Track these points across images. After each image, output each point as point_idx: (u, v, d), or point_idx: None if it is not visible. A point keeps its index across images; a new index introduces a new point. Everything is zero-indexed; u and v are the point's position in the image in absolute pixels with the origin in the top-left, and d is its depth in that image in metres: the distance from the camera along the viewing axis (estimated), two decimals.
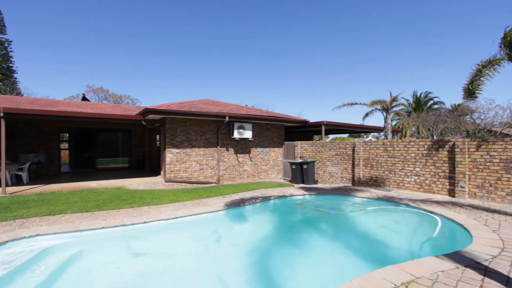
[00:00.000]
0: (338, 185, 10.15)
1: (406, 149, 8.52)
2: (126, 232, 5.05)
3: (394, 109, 13.12)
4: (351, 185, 9.96)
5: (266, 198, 7.45)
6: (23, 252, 4.11)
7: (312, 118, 13.08)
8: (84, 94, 24.36)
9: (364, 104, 12.56)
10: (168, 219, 5.49)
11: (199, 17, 56.99)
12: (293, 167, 10.71)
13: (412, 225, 5.99)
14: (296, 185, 9.94)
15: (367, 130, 18.14)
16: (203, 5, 53.75)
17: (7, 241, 4.22)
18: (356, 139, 18.83)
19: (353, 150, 9.95)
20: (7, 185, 8.19)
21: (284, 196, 7.87)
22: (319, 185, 10.17)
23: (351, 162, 10.07)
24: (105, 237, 4.88)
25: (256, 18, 57.59)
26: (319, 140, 21.15)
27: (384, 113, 12.31)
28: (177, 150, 10.01)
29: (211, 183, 10.54)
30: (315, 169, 11.04)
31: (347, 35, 58.33)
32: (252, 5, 53.42)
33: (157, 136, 12.95)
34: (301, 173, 10.53)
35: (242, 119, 10.90)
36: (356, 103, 12.60)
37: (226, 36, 62.26)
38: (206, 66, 65.23)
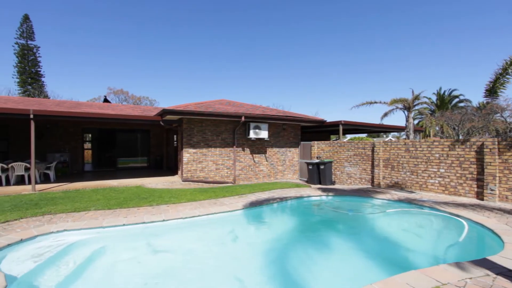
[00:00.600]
0: (357, 186, 9.92)
1: (429, 149, 8.17)
2: (146, 229, 5.21)
3: (416, 107, 12.61)
4: (370, 186, 9.70)
5: (282, 199, 7.42)
6: (51, 246, 4.35)
7: (329, 118, 12.87)
8: (105, 96, 25.41)
9: (383, 103, 12.17)
10: (185, 217, 5.61)
11: (215, 19, 57.78)
12: (310, 167, 10.59)
13: (436, 229, 5.74)
14: (313, 186, 9.82)
15: (386, 129, 17.58)
16: (218, 7, 54.45)
17: (37, 236, 4.49)
18: (375, 139, 18.31)
19: (373, 151, 9.69)
20: (36, 182, 8.71)
21: (301, 197, 7.81)
22: (336, 186, 9.99)
23: (370, 162, 9.80)
24: (126, 234, 5.07)
25: (272, 17, 57.54)
26: (336, 140, 20.77)
27: (406, 112, 11.86)
28: (194, 150, 10.20)
29: (227, 183, 10.65)
30: (333, 170, 10.85)
31: (366, 33, 56.89)
32: (267, 5, 53.42)
33: (175, 136, 13.27)
34: (318, 173, 10.39)
35: (258, 119, 10.92)
36: (375, 102, 12.24)
37: (241, 37, 62.69)
38: (223, 67, 65.94)
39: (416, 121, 27.01)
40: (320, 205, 7.73)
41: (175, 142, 13.04)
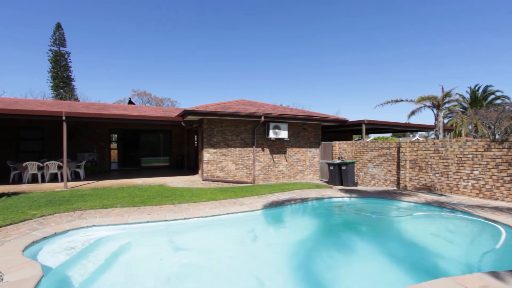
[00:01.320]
0: (381, 188, 9.56)
1: (461, 149, 7.69)
2: (168, 227, 5.38)
3: (447, 105, 11.91)
4: (395, 188, 9.31)
5: (303, 200, 7.33)
6: (81, 241, 4.63)
7: (351, 117, 12.53)
8: (130, 98, 26.61)
9: (410, 101, 11.63)
10: (206, 216, 5.72)
11: (234, 19, 58.40)
12: (331, 168, 10.38)
13: (470, 235, 5.39)
14: (334, 187, 9.61)
15: (413, 129, 16.77)
16: (236, 7, 54.98)
17: (69, 230, 4.79)
18: (400, 139, 17.54)
19: (398, 151, 9.29)
20: (67, 180, 9.30)
21: (322, 198, 7.67)
22: (359, 187, 9.69)
23: (395, 163, 9.41)
24: (149, 231, 5.27)
25: (292, 17, 57.11)
26: (358, 140, 20.18)
27: (435, 110, 11.24)
28: (214, 150, 10.38)
29: (247, 182, 10.72)
30: (355, 171, 10.55)
31: (390, 30, 54.72)
32: (285, 4, 53.11)
33: (195, 136, 13.58)
34: (339, 174, 10.15)
35: (278, 119, 10.89)
36: (401, 100, 11.73)
37: (261, 37, 62.81)
38: (242, 67, 66.45)
39: (446, 120, 25.52)
40: (342, 206, 7.55)
41: (196, 142, 13.34)
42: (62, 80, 34.95)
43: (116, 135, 16.70)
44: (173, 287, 3.52)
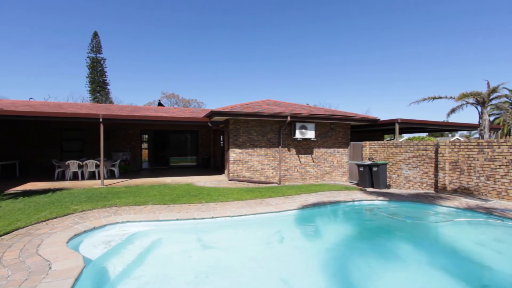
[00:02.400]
0: (416, 191, 8.99)
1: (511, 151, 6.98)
2: (196, 225, 5.54)
3: (494, 102, 10.87)
4: (433, 191, 8.70)
5: (331, 202, 7.14)
6: (117, 235, 4.92)
7: (381, 116, 11.91)
8: (159, 100, 27.89)
9: (450, 97, 10.79)
10: (233, 216, 5.79)
11: (258, 20, 58.67)
12: (361, 169, 9.98)
13: None
14: (365, 189, 9.23)
15: (453, 128, 15.55)
16: (261, 7, 55.17)
17: (106, 225, 5.12)
18: (438, 139, 16.37)
19: (436, 152, 8.67)
20: (104, 178, 9.96)
21: (351, 201, 7.40)
22: (392, 190, 9.21)
23: (433, 165, 8.80)
24: (179, 228, 5.46)
25: (318, 15, 56.03)
26: (391, 140, 19.20)
27: (479, 108, 10.32)
28: (239, 150, 10.49)
29: (273, 183, 10.69)
30: (387, 172, 10.04)
31: (423, 26, 51.42)
32: (308, 3, 52.21)
33: (221, 136, 13.84)
34: (370, 176, 9.73)
35: (304, 119, 10.72)
36: (439, 97, 10.93)
37: (286, 37, 62.40)
38: (268, 66, 66.48)
39: (491, 118, 23.34)
40: (373, 210, 7.22)
41: (222, 142, 13.59)
42: (98, 84, 37.63)
43: (146, 136, 17.57)
44: (201, 285, 3.61)
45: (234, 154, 10.43)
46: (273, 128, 10.95)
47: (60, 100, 34.15)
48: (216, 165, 15.60)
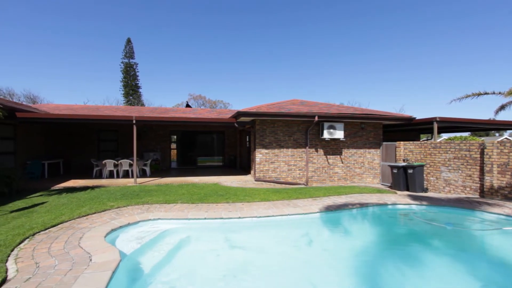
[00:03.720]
0: (458, 195, 8.32)
1: None
2: (223, 224, 5.63)
3: None
4: (477, 196, 7.99)
5: (362, 204, 6.86)
6: (149, 231, 5.16)
7: (417, 115, 11.13)
8: (187, 102, 28.88)
9: (498, 93, 9.81)
10: (260, 216, 5.80)
11: (284, 18, 58.38)
12: (394, 171, 9.47)
13: None
14: (399, 192, 8.74)
15: (501, 126, 14.15)
16: (285, 6, 54.81)
17: (139, 221, 5.40)
18: (482, 139, 15.01)
19: (482, 153, 7.96)
20: (136, 176, 10.52)
21: (384, 204, 7.05)
22: (429, 194, 8.62)
23: (478, 167, 8.08)
24: (207, 227, 5.59)
25: (347, 11, 54.37)
26: (428, 139, 18.02)
27: None
28: (266, 151, 10.49)
29: (299, 184, 10.54)
30: (424, 175, 9.42)
31: (464, 18, 47.56)
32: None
33: (247, 137, 13.96)
34: (404, 178, 9.20)
35: (333, 118, 10.43)
36: (485, 93, 9.96)
37: (313, 34, 61.35)
38: (294, 65, 65.85)
39: None
40: (409, 215, 6.81)
41: (248, 143, 13.70)
42: (131, 88, 39.89)
43: (175, 136, 18.28)
44: (229, 283, 3.65)
45: (260, 155, 10.45)
46: (300, 128, 10.80)
47: (98, 103, 36.82)
48: (242, 165, 15.77)
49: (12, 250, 3.73)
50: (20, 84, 53.63)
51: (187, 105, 25.83)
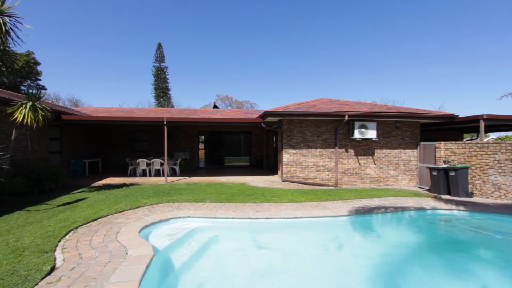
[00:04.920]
0: (508, 201, 7.54)
1: None
2: (251, 224, 5.67)
3: None
4: None
5: (397, 208, 6.50)
6: (179, 229, 5.36)
7: (460, 112, 10.30)
8: (214, 103, 29.59)
9: None
10: (287, 218, 5.75)
11: (309, 15, 57.39)
12: (434, 173, 8.84)
13: None
14: (439, 197, 8.15)
15: None
16: (309, 5, 53.81)
17: (170, 218, 5.63)
18: None
19: None
20: (167, 175, 11.00)
21: (422, 209, 6.61)
22: (475, 199, 7.91)
23: None
24: (234, 226, 5.67)
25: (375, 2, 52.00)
26: (473, 139, 16.57)
27: None
28: (293, 151, 10.39)
29: (328, 185, 10.28)
30: (469, 178, 8.67)
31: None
32: None
33: (274, 137, 13.92)
34: (445, 181, 8.55)
35: (364, 117, 10.03)
36: None
37: (338, 27, 59.53)
38: (322, 63, 64.46)
39: None
40: (451, 221, 6.32)
41: (275, 143, 13.67)
42: (162, 90, 41.87)
43: (203, 137, 18.82)
44: (256, 284, 3.67)
45: (287, 155, 10.37)
46: (329, 128, 10.53)
47: (132, 105, 39.18)
48: (269, 166, 15.76)
49: (59, 241, 4.11)
50: (64, 89, 58.79)
51: (215, 106, 26.47)
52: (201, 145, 18.59)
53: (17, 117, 6.97)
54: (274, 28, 60.64)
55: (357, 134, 9.99)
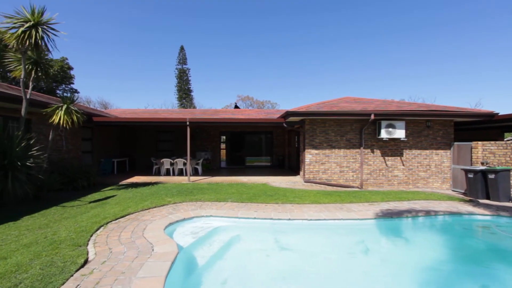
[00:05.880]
0: None
1: None
2: (273, 225, 5.65)
3: None
4: None
5: (429, 212, 6.16)
6: (202, 227, 5.47)
7: (500, 110, 9.52)
8: (236, 103, 29.87)
9: None
10: (310, 219, 5.66)
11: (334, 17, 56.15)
12: (470, 176, 8.27)
13: None
14: (476, 201, 7.61)
15: None
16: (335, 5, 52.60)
17: (193, 217, 5.76)
18: None
19: None
20: (190, 175, 11.29)
21: (457, 214, 6.21)
22: None
23: None
24: (256, 226, 5.68)
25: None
26: None
27: None
28: (316, 151, 10.21)
29: (353, 187, 9.98)
30: (511, 182, 8.01)
31: None
32: None
33: (296, 137, 13.79)
34: (483, 185, 7.97)
35: (392, 116, 9.62)
36: None
37: (359, 20, 57.65)
38: (346, 59, 62.86)
39: None
40: (490, 228, 5.87)
41: (297, 143, 13.53)
42: (184, 92, 43.09)
43: (224, 137, 19.09)
44: (279, 285, 3.65)
45: (310, 155, 10.22)
46: (354, 128, 10.23)
47: (156, 107, 40.72)
48: (291, 166, 15.63)
49: (91, 235, 4.36)
50: (94, 92, 62.45)
51: (236, 106, 26.73)
52: (223, 145, 18.87)
53: (54, 119, 7.52)
54: (295, 26, 60.12)
55: (384, 134, 9.61)
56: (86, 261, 3.43)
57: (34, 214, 5.61)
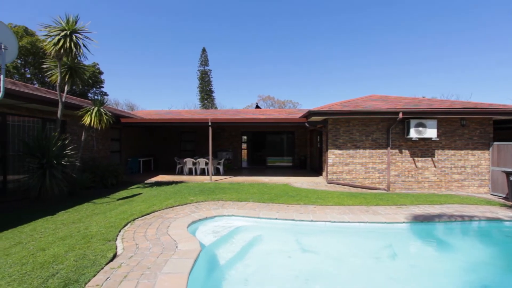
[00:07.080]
0: None
1: None
2: (295, 226, 5.60)
3: None
4: None
5: (464, 217, 5.78)
6: (224, 227, 5.55)
7: None
8: (257, 103, 30.01)
9: None
10: (334, 221, 5.54)
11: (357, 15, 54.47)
12: None
13: None
14: None
15: None
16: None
17: (215, 216, 5.87)
18: None
19: None
20: (212, 174, 11.50)
21: (497, 219, 5.77)
22: None
23: None
24: (278, 227, 5.66)
25: None
26: None
27: None
28: (339, 152, 9.98)
29: (379, 189, 9.62)
30: None
31: None
32: None
33: (318, 137, 13.55)
34: None
35: (422, 115, 9.15)
36: None
37: (385, 13, 55.27)
38: (370, 55, 60.77)
39: None
40: None
41: (319, 143, 13.30)
42: (206, 93, 44.01)
43: (245, 137, 19.23)
44: (301, 287, 3.61)
45: (333, 156, 10.00)
46: (380, 127, 9.86)
47: (179, 108, 41.96)
48: (313, 167, 15.39)
49: (119, 231, 4.60)
50: (122, 95, 65.66)
51: (257, 106, 26.84)
52: (244, 145, 19.01)
53: (86, 120, 8.03)
54: (317, 23, 59.10)
55: (413, 134, 9.16)
56: (115, 255, 3.63)
57: (68, 210, 6.02)
